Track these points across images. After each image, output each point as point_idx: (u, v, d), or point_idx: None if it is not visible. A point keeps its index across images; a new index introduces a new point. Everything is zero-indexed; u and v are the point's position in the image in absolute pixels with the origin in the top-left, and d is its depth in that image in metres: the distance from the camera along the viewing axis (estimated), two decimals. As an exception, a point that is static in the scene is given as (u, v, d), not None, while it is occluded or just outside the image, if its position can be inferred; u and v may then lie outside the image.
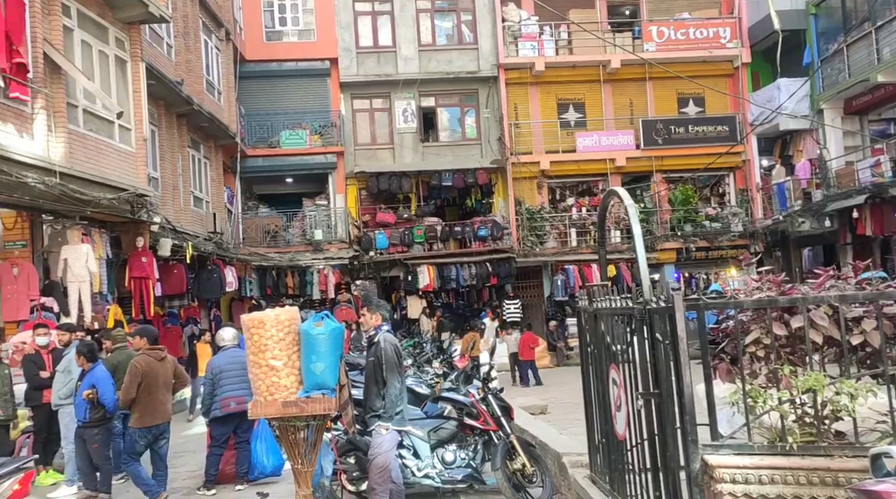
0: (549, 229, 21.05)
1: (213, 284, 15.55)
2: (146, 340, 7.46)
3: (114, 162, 11.27)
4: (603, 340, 5.13)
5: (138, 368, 7.12)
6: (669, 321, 3.88)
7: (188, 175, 16.55)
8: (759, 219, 21.36)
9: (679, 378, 3.84)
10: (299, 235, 20.70)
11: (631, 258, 19.53)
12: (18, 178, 8.57)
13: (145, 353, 7.34)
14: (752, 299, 3.98)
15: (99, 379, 7.32)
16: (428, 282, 19.82)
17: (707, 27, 21.81)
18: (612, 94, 22.02)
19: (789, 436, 3.75)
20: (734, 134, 21.48)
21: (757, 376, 4.01)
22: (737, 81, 21.96)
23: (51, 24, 9.99)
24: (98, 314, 10.88)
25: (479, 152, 21.71)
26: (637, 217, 4.63)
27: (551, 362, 19.37)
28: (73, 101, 10.47)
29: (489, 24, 21.76)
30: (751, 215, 21.50)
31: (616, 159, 21.26)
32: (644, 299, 4.18)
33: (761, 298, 3.94)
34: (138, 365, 7.18)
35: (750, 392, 3.81)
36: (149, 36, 13.68)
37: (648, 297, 4.17)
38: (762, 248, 21.10)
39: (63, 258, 10.04)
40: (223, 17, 18.82)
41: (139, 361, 7.27)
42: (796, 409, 3.81)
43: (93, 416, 7.33)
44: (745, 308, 4.05)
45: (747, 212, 21.56)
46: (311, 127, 21.28)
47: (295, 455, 5.18)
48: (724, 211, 21.66)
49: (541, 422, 9.08)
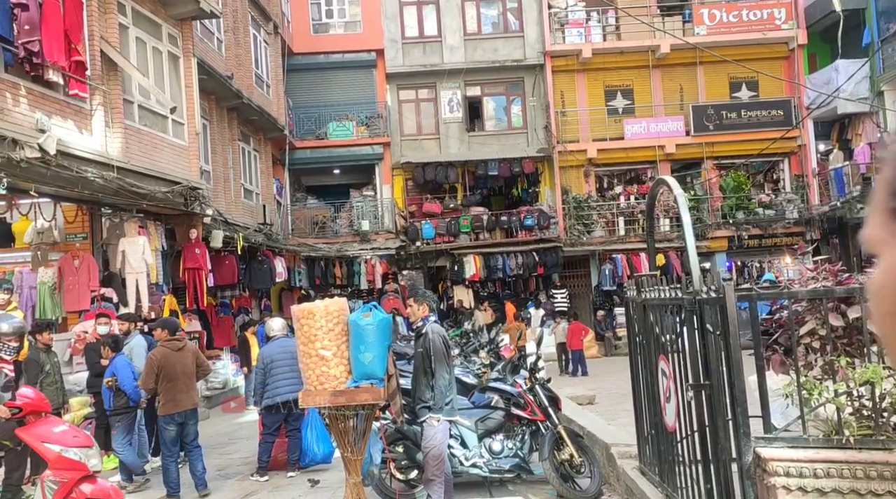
0: (596, 218, 20.83)
1: (264, 275, 15.89)
2: (167, 332, 7.69)
3: (168, 156, 11.58)
4: (652, 331, 5.08)
5: (154, 360, 7.36)
6: (720, 312, 3.82)
7: (238, 167, 16.89)
8: (815, 205, 20.74)
9: (730, 369, 3.79)
10: (347, 225, 20.94)
11: (680, 247, 19.21)
12: (79, 173, 8.88)
13: (163, 344, 7.57)
14: (807, 289, 3.89)
15: (118, 367, 7.68)
16: (474, 271, 19.85)
17: (761, 8, 21.18)
18: (661, 80, 21.61)
19: (846, 429, 3.66)
20: (789, 118, 20.85)
21: (812, 367, 3.92)
22: (792, 64, 21.31)
23: (107, 23, 10.29)
24: (154, 304, 11.22)
25: (525, 141, 21.58)
26: (686, 206, 4.56)
27: (599, 352, 19.21)
28: (128, 98, 10.79)
29: (535, 11, 21.55)
30: (807, 202, 20.89)
31: (665, 146, 20.87)
32: (694, 290, 4.13)
33: (817, 289, 3.84)
34: (154, 357, 7.42)
35: (805, 384, 3.73)
36: (200, 31, 13.96)
37: (699, 287, 4.11)
38: (818, 235, 20.50)
39: (121, 250, 10.37)
40: (271, 11, 19.09)
41: (155, 352, 7.52)
42: (853, 401, 3.71)
43: (116, 403, 7.69)
44: (800, 298, 3.95)
45: (803, 198, 20.96)
46: (358, 118, 21.45)
47: (345, 444, 5.27)
48: (778, 198, 21.09)
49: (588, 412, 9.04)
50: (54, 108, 9.10)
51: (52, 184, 8.87)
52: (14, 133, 8.04)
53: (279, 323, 8.61)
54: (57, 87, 9.15)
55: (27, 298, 10.14)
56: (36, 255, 10.27)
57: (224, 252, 14.13)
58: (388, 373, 5.21)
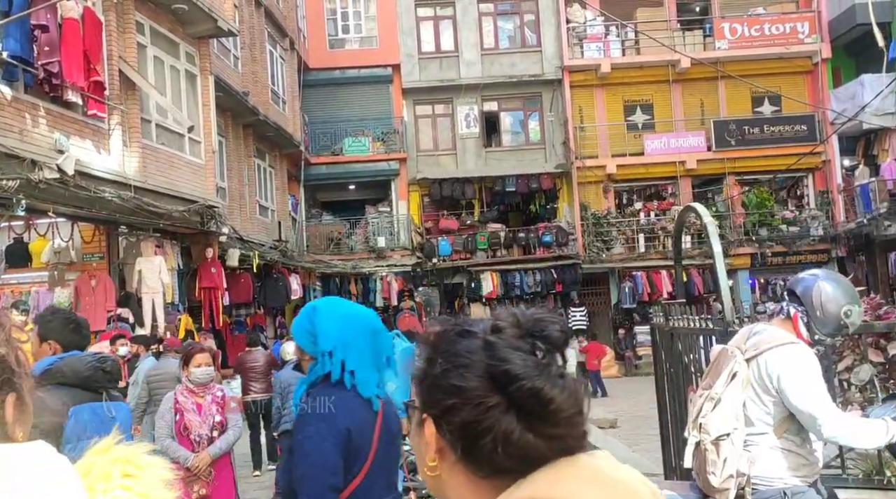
0: (615, 235, 20.75)
1: (279, 292, 15.92)
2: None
3: (184, 174, 11.68)
4: (680, 360, 5.02)
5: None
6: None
7: (254, 184, 17.00)
8: (840, 222, 20.54)
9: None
10: (362, 242, 20.98)
11: (702, 264, 19.06)
12: (96, 193, 8.96)
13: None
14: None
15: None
16: (491, 289, 19.82)
17: (784, 22, 21.11)
18: (681, 95, 21.57)
19: (887, 469, 3.59)
20: (813, 133, 20.71)
21: (851, 403, 3.85)
22: (816, 78, 21.19)
23: (126, 42, 10.43)
24: (170, 324, 11.26)
25: (542, 157, 21.58)
26: (716, 234, 4.51)
27: (619, 372, 19.07)
28: (146, 117, 10.91)
29: (553, 25, 21.61)
30: (832, 219, 20.70)
31: (686, 162, 20.79)
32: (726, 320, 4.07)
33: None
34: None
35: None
36: (216, 49, 14.11)
37: (731, 318, 4.05)
38: (844, 253, 20.28)
39: (137, 270, 10.43)
40: (288, 27, 19.27)
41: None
42: (895, 440, 3.63)
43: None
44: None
45: (828, 215, 20.77)
46: (374, 134, 21.55)
47: (365, 473, 5.22)
48: (802, 214, 20.93)
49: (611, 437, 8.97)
50: (73, 128, 9.21)
51: (70, 204, 8.95)
52: (33, 154, 8.13)
53: (293, 347, 8.60)
54: (76, 107, 9.26)
55: (43, 318, 10.20)
56: (53, 275, 10.35)
57: (239, 270, 14.20)
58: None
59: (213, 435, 5.22)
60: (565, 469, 0.96)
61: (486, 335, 1.02)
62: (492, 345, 1.00)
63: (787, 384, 2.83)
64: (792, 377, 2.83)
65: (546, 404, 0.96)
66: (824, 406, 2.79)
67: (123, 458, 1.03)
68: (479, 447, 0.97)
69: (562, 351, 1.02)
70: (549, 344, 1.01)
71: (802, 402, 2.80)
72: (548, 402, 0.96)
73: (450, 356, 1.01)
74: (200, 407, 5.22)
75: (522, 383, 0.96)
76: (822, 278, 3.05)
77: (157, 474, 1.04)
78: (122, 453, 1.03)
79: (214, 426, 5.24)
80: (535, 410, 0.96)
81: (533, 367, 0.97)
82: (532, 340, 1.01)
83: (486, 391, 0.97)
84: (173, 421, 5.15)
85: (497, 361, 0.98)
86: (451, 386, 0.99)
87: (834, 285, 3.01)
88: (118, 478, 1.00)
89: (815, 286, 3.01)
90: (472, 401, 0.97)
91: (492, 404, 0.96)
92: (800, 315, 3.01)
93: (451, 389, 0.99)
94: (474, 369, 0.98)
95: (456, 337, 1.04)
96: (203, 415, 5.21)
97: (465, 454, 0.99)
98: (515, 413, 0.96)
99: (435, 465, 1.02)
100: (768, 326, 3.10)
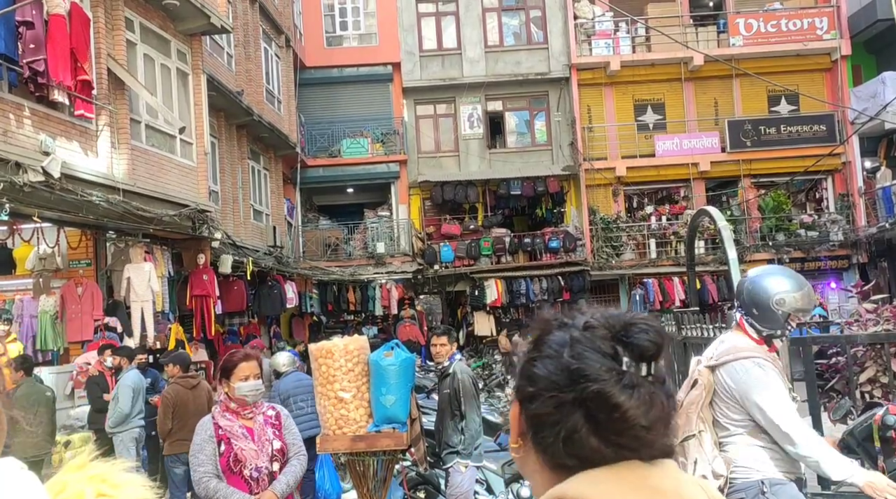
0: (626, 240, 20.73)
1: (274, 301, 15.90)
2: (179, 368, 7.69)
3: (175, 177, 11.69)
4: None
5: (168, 400, 7.36)
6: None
7: (248, 187, 17.01)
8: (861, 226, 20.51)
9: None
10: (361, 247, 20.97)
11: (716, 271, 19.06)
12: (83, 196, 8.97)
13: (176, 381, 7.57)
14: (866, 333, 3.80)
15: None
16: (496, 297, 19.77)
17: (801, 17, 21.12)
18: (694, 94, 21.57)
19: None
20: (832, 134, 20.70)
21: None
22: (835, 76, 21.19)
23: (114, 40, 10.45)
24: (160, 334, 11.26)
25: (549, 159, 21.58)
26: (731, 239, 4.51)
27: (630, 384, 19.01)
28: (135, 117, 10.92)
29: (560, 21, 21.64)
30: (852, 223, 20.66)
31: (699, 164, 20.77)
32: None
33: (878, 332, 3.76)
34: (168, 396, 7.42)
35: (866, 437, 3.64)
36: (209, 46, 14.14)
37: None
38: (866, 258, 20.24)
39: (126, 277, 10.42)
40: (283, 24, 19.31)
41: (168, 391, 7.53)
42: (920, 456, 3.62)
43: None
44: (859, 343, 3.88)
45: (848, 219, 20.74)
46: (373, 135, 21.56)
47: (363, 491, 5.22)
48: (821, 218, 20.89)
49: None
50: (59, 129, 9.22)
51: (56, 208, 8.96)
52: (18, 156, 8.15)
53: (287, 358, 8.61)
54: (62, 107, 9.28)
55: (27, 327, 10.22)
56: (38, 282, 10.35)
57: (232, 277, 14.19)
58: (412, 416, 5.16)
59: (274, 468, 4.07)
60: (611, 472, 1.00)
61: (576, 332, 1.07)
62: (576, 341, 1.06)
63: (746, 402, 3.06)
64: (748, 396, 3.05)
65: (612, 410, 0.99)
66: (789, 422, 2.98)
67: (99, 476, 1.02)
68: (543, 439, 1.04)
69: (651, 360, 1.04)
70: (633, 350, 1.03)
71: (764, 418, 3.02)
72: (614, 408, 0.99)
73: (541, 346, 1.09)
74: (252, 432, 4.06)
75: (590, 385, 1.00)
76: (749, 277, 3.24)
77: (134, 493, 1.03)
78: (98, 471, 1.02)
79: (274, 456, 4.09)
80: (601, 414, 0.99)
81: (606, 370, 1.01)
82: (613, 343, 1.04)
83: (560, 386, 1.03)
84: (216, 453, 3.97)
85: (573, 359, 1.03)
86: (533, 374, 1.07)
87: (760, 280, 3.18)
88: (92, 497, 0.99)
89: (743, 287, 3.21)
90: (546, 392, 1.03)
91: (563, 400, 1.02)
92: (744, 319, 3.20)
93: (532, 377, 1.07)
94: (555, 363, 1.05)
95: (554, 329, 1.12)
96: (258, 442, 4.05)
97: (535, 443, 1.06)
98: (584, 414, 1.00)
99: (518, 446, 1.10)
100: (729, 335, 3.29)
